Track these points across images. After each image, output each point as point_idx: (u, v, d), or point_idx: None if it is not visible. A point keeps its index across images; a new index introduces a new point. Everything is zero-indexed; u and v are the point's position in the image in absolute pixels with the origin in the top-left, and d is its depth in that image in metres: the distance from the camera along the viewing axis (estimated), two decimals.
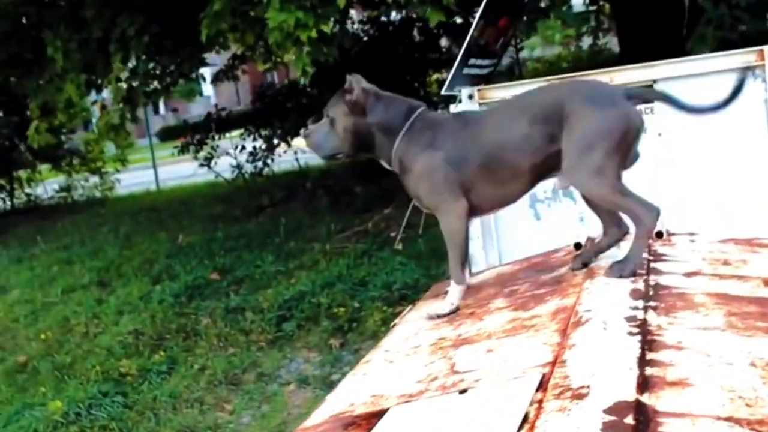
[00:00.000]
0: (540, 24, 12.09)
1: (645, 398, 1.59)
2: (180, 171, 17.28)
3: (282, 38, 6.06)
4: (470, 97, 3.70)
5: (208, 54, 11.89)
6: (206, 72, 19.05)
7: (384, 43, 12.61)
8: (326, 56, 6.50)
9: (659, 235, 2.93)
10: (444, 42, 13.90)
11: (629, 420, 1.50)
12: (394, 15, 12.96)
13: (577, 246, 3.11)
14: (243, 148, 13.69)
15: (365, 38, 13.28)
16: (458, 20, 12.24)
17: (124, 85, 9.10)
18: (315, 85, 12.78)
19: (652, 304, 2.22)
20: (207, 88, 40.55)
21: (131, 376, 6.27)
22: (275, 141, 13.10)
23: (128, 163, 17.93)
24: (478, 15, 3.54)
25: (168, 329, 7.08)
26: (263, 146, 13.35)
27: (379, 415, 1.95)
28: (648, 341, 1.92)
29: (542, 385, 1.79)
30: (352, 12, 15.08)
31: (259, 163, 13.50)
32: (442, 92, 3.81)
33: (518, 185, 2.73)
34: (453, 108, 3.79)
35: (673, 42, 9.08)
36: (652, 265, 2.63)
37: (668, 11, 10.02)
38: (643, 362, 1.79)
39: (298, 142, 13.33)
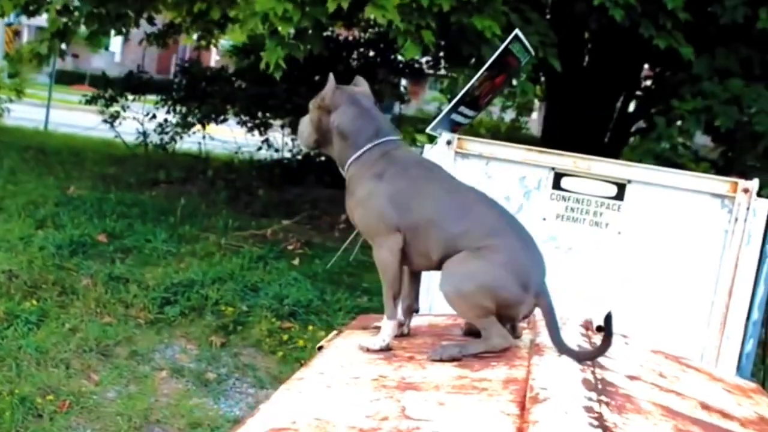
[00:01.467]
0: None
1: None
2: (73, 119, 16.61)
3: (261, 26, 5.87)
4: (448, 143, 3.71)
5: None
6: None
7: (337, 59, 12.54)
8: (301, 54, 6.35)
9: (599, 329, 3.00)
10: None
11: None
12: (357, 34, 12.98)
13: None
14: (153, 116, 13.38)
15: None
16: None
17: (63, 19, 8.76)
18: (242, 77, 12.68)
19: (604, 399, 2.26)
20: (114, 44, 39.57)
21: None
22: (191, 120, 12.84)
23: (24, 95, 17.23)
24: (486, 65, 3.56)
25: (45, 279, 6.76)
26: (175, 121, 13.06)
27: None
28: None
29: None
30: None
31: (166, 137, 13.20)
32: (427, 130, 3.80)
33: (424, 262, 2.73)
34: (427, 148, 3.78)
35: (594, 144, 9.38)
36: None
37: (598, 113, 10.39)
38: None
39: (214, 128, 13.16)
